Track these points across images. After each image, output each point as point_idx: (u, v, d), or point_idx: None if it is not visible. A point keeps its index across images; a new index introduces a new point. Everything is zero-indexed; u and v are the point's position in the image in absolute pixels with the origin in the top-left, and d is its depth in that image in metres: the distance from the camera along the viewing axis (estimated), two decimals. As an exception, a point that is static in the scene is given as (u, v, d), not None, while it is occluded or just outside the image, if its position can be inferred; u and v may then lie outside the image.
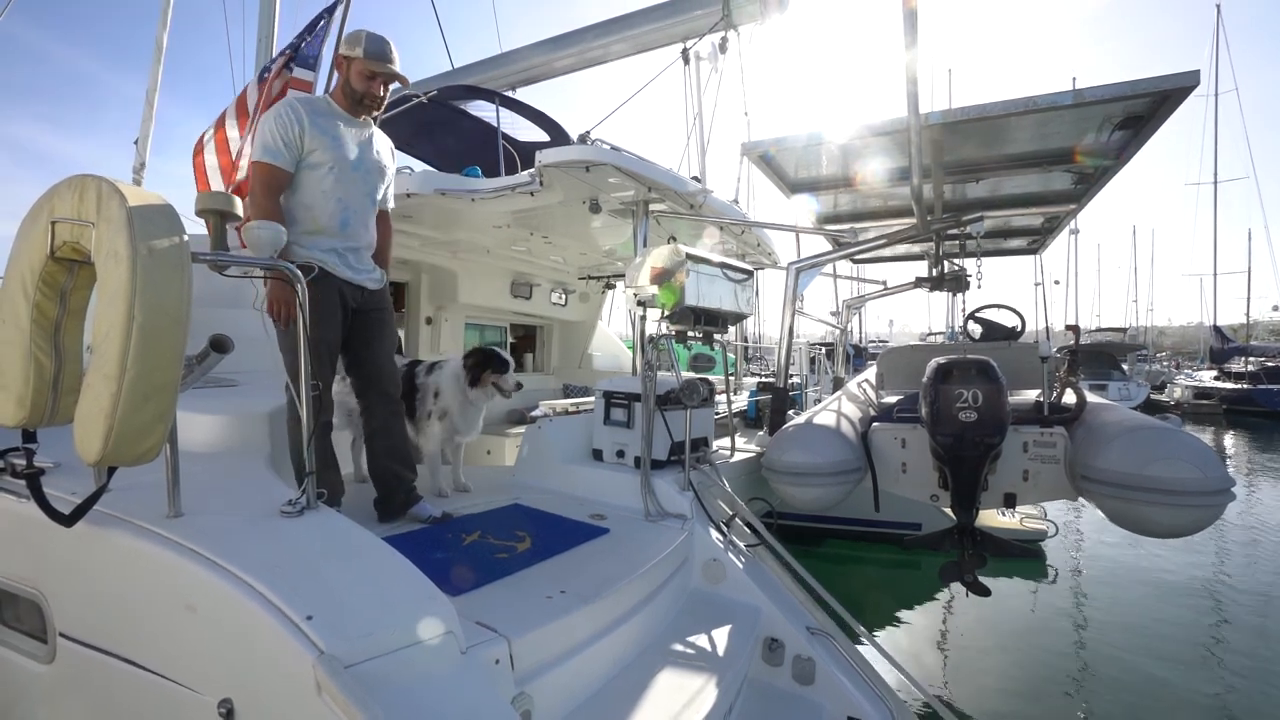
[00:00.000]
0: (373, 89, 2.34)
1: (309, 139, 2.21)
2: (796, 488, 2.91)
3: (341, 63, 2.34)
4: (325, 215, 2.27)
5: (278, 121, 2.18)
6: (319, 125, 2.24)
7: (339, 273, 2.31)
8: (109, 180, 1.28)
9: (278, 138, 2.17)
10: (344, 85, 2.34)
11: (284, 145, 2.17)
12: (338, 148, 2.27)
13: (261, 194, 2.15)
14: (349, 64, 2.31)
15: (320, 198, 2.26)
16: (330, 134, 2.26)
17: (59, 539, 1.46)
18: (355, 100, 2.35)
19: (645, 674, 1.84)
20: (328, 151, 2.24)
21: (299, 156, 2.21)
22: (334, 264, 2.29)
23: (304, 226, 2.24)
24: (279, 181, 2.18)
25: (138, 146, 6.15)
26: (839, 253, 4.49)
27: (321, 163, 2.24)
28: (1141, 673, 3.58)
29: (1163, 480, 2.28)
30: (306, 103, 2.28)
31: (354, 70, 2.31)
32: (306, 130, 2.20)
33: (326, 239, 2.29)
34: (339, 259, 2.32)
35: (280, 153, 2.17)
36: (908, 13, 2.34)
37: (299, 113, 2.21)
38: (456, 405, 2.94)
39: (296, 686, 1.13)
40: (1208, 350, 26.45)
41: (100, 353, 1.22)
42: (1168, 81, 2.51)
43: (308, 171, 2.24)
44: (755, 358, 12.72)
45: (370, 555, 1.48)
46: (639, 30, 5.09)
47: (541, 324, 7.25)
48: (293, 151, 2.19)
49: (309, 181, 2.25)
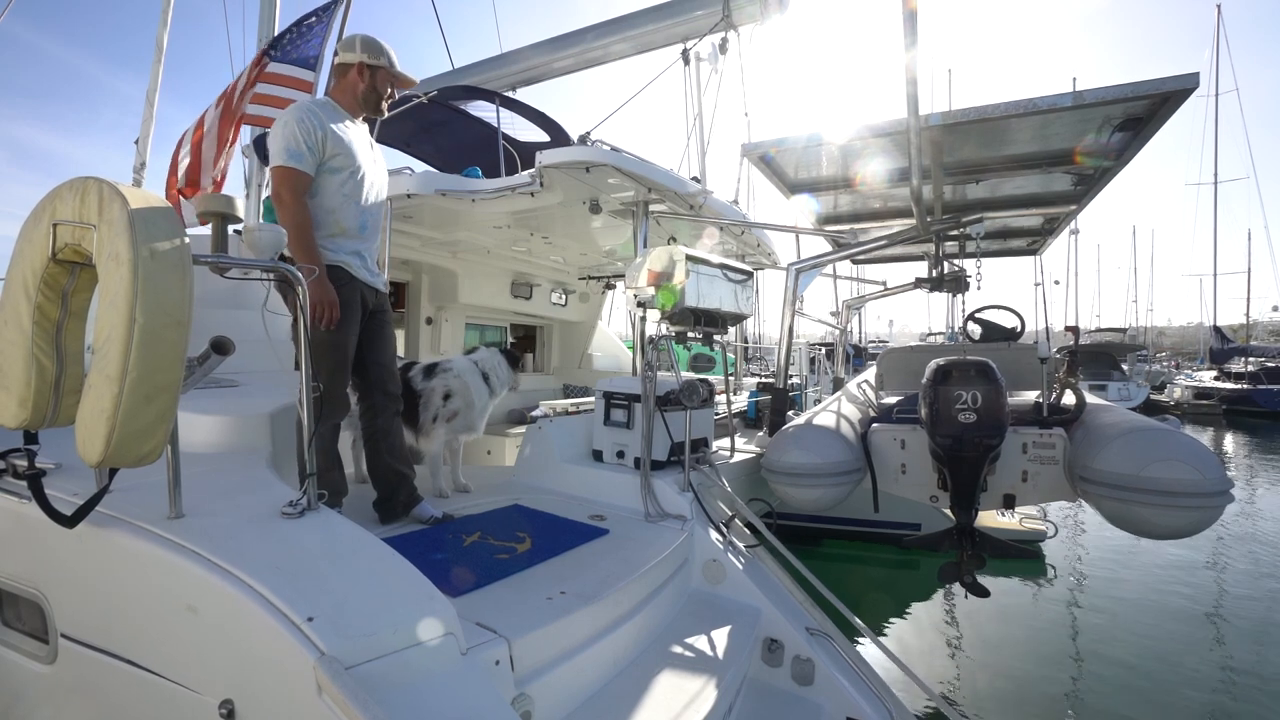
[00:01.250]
0: (391, 94, 2.47)
1: (330, 143, 2.24)
2: (796, 488, 2.92)
3: (364, 70, 2.38)
4: (347, 218, 2.31)
5: (300, 126, 2.19)
6: (336, 129, 2.27)
7: (360, 275, 2.35)
8: (110, 183, 1.29)
9: (301, 142, 2.18)
10: (367, 91, 2.39)
11: (308, 149, 2.19)
12: (353, 153, 2.31)
13: (290, 197, 2.16)
14: (374, 72, 2.38)
15: (342, 201, 2.29)
16: (345, 138, 2.30)
17: (60, 540, 1.46)
18: (372, 105, 2.42)
19: (645, 675, 1.85)
20: (346, 156, 2.28)
21: (320, 160, 2.24)
22: (356, 266, 2.33)
23: (328, 230, 2.28)
24: (304, 185, 2.21)
25: (138, 146, 6.16)
26: (839, 253, 4.49)
27: (343, 167, 2.28)
28: (1140, 673, 3.58)
29: (1161, 481, 2.29)
30: (322, 107, 2.31)
31: (380, 78, 2.39)
32: (328, 134, 2.23)
33: (349, 241, 2.33)
34: (360, 261, 2.36)
35: (304, 156, 2.19)
36: (908, 13, 2.34)
37: (317, 116, 2.23)
38: (479, 402, 3.02)
39: (297, 687, 1.14)
40: (1207, 350, 26.46)
41: (102, 354, 1.22)
42: (1168, 83, 2.51)
43: (329, 176, 2.26)
44: (755, 358, 12.71)
45: (371, 556, 1.49)
46: (639, 30, 5.09)
47: (541, 324, 7.25)
48: (315, 156, 2.21)
49: (330, 185, 2.27)
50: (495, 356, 3.16)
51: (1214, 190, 27.52)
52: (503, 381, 3.15)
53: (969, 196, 4.13)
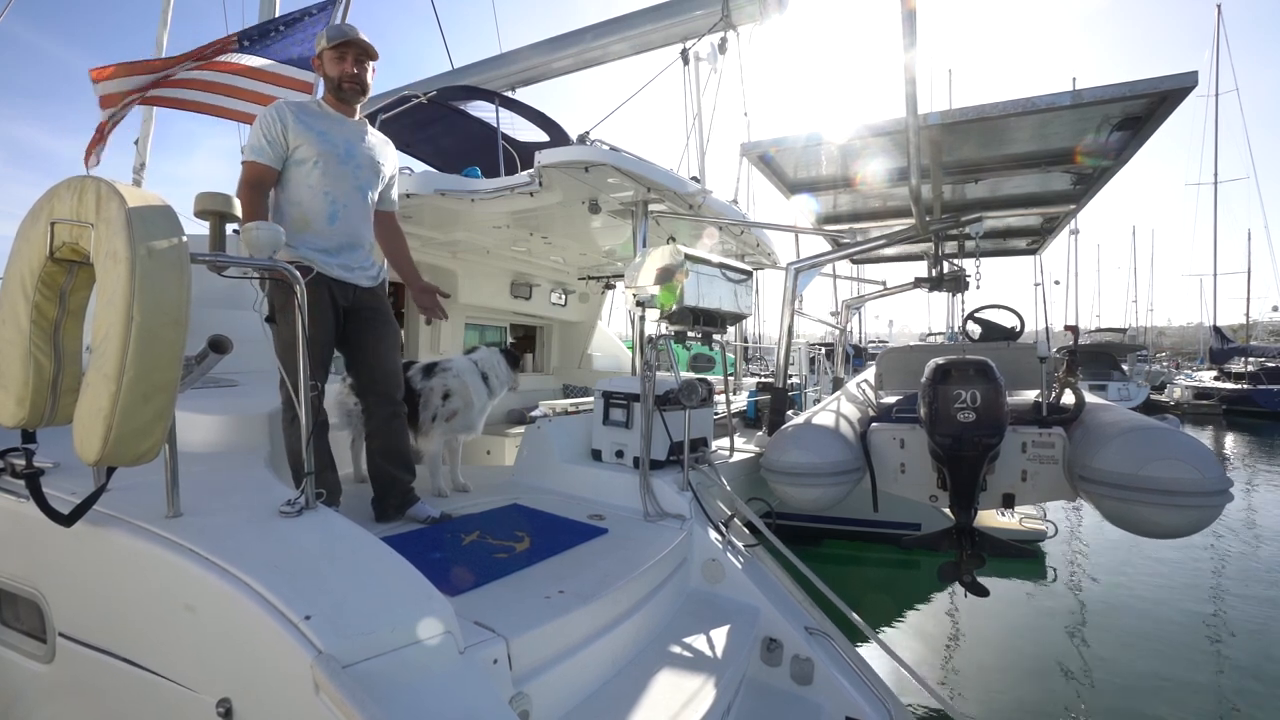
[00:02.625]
0: (345, 69, 2.37)
1: (293, 135, 2.25)
2: (795, 488, 2.91)
3: (318, 64, 2.42)
4: (313, 210, 2.29)
5: (261, 122, 2.24)
6: (304, 122, 2.27)
7: (328, 271, 2.30)
8: (108, 181, 1.29)
9: (260, 136, 2.22)
10: (326, 82, 2.41)
11: (267, 143, 2.22)
12: (324, 142, 2.29)
13: (245, 190, 2.19)
14: (321, 60, 2.40)
15: (307, 192, 2.28)
16: (316, 130, 2.29)
17: (58, 539, 1.46)
18: (335, 89, 2.39)
19: (643, 674, 1.84)
20: (313, 146, 2.27)
21: (285, 154, 2.25)
22: (322, 262, 2.28)
23: (293, 224, 2.26)
24: (262, 178, 2.22)
25: (138, 146, 6.16)
26: (838, 253, 4.49)
27: (307, 158, 2.27)
28: (1140, 673, 3.58)
29: (1161, 480, 2.29)
30: (294, 104, 2.33)
31: (326, 60, 2.39)
32: (290, 127, 2.24)
33: (314, 236, 2.29)
34: (328, 257, 2.31)
35: (264, 150, 2.21)
36: (907, 13, 2.34)
37: (282, 112, 2.26)
38: (478, 402, 3.01)
39: (295, 686, 1.13)
40: (1207, 350, 26.47)
41: (99, 353, 1.22)
42: (1166, 82, 2.51)
43: (294, 167, 2.28)
44: (755, 358, 12.72)
45: (369, 555, 1.49)
46: (638, 30, 5.09)
47: (541, 324, 7.25)
48: (276, 149, 2.23)
49: (296, 177, 2.28)
50: (495, 356, 3.15)
51: (1214, 190, 27.56)
52: (502, 381, 3.14)
53: (968, 196, 4.13)
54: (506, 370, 3.17)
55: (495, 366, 3.12)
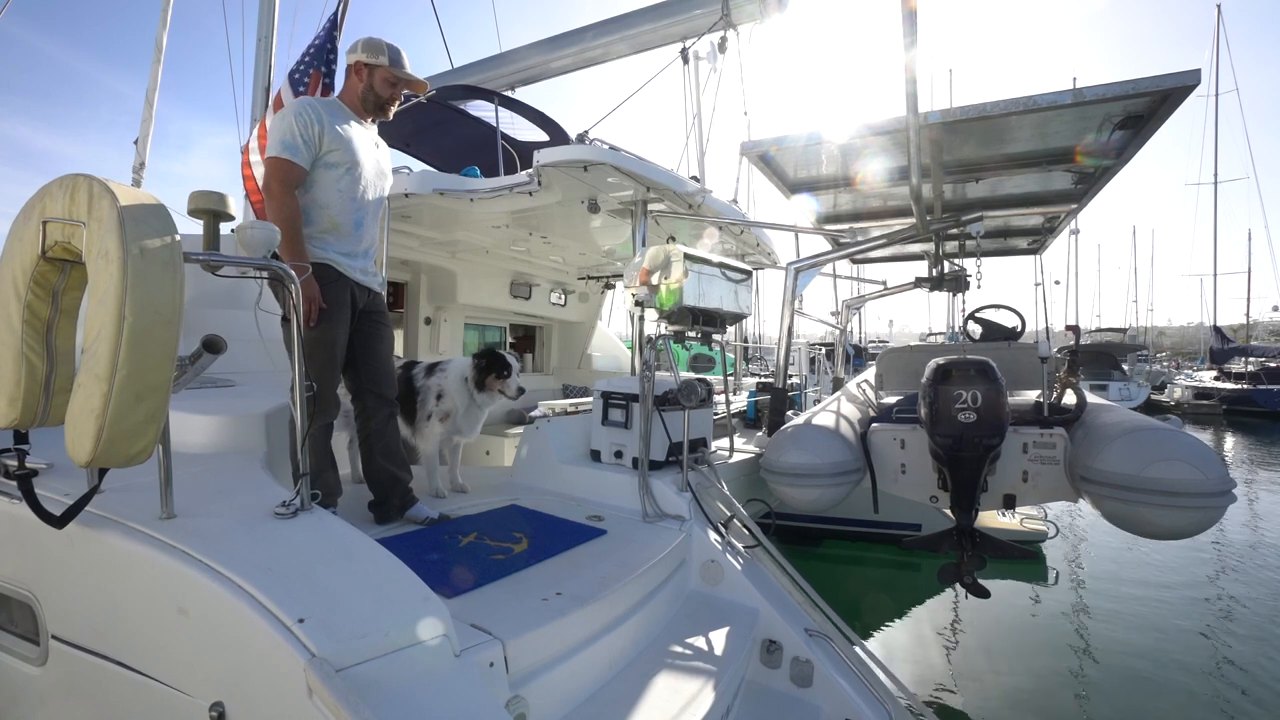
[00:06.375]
0: (394, 95, 2.44)
1: (328, 138, 2.24)
2: (795, 489, 2.90)
3: (361, 69, 2.38)
4: (341, 215, 2.30)
5: (298, 119, 2.20)
6: (337, 126, 2.27)
7: (350, 274, 2.34)
8: (100, 180, 1.28)
9: (297, 135, 2.19)
10: (365, 91, 2.39)
11: (303, 143, 2.19)
12: (353, 150, 2.30)
13: (279, 189, 2.17)
14: (371, 71, 2.38)
15: (336, 197, 2.28)
16: (346, 135, 2.29)
17: (51, 541, 1.45)
18: (375, 106, 2.42)
19: (642, 676, 1.83)
20: (345, 153, 2.27)
21: (316, 155, 2.24)
22: (346, 265, 2.32)
23: (318, 226, 2.27)
24: (296, 177, 2.21)
25: (137, 146, 6.14)
26: (838, 253, 4.48)
27: (340, 163, 2.27)
28: (1141, 675, 3.57)
29: (1163, 481, 2.27)
30: (324, 104, 2.32)
31: (378, 77, 2.38)
32: (326, 129, 2.23)
33: (339, 239, 2.32)
34: (351, 260, 2.35)
35: (299, 149, 2.19)
36: (907, 13, 2.34)
37: (318, 112, 2.24)
38: (461, 407, 2.95)
39: (288, 690, 1.12)
40: (1208, 351, 26.41)
41: (91, 353, 1.21)
42: (1168, 81, 2.50)
43: (324, 171, 2.26)
44: (755, 358, 12.71)
45: (364, 557, 1.47)
46: (638, 30, 5.07)
47: (541, 324, 7.24)
48: (311, 150, 2.21)
49: (325, 181, 2.27)
50: (459, 366, 2.96)
51: (1214, 190, 27.49)
52: (467, 393, 2.90)
53: (969, 195, 4.12)
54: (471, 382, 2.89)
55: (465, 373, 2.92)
